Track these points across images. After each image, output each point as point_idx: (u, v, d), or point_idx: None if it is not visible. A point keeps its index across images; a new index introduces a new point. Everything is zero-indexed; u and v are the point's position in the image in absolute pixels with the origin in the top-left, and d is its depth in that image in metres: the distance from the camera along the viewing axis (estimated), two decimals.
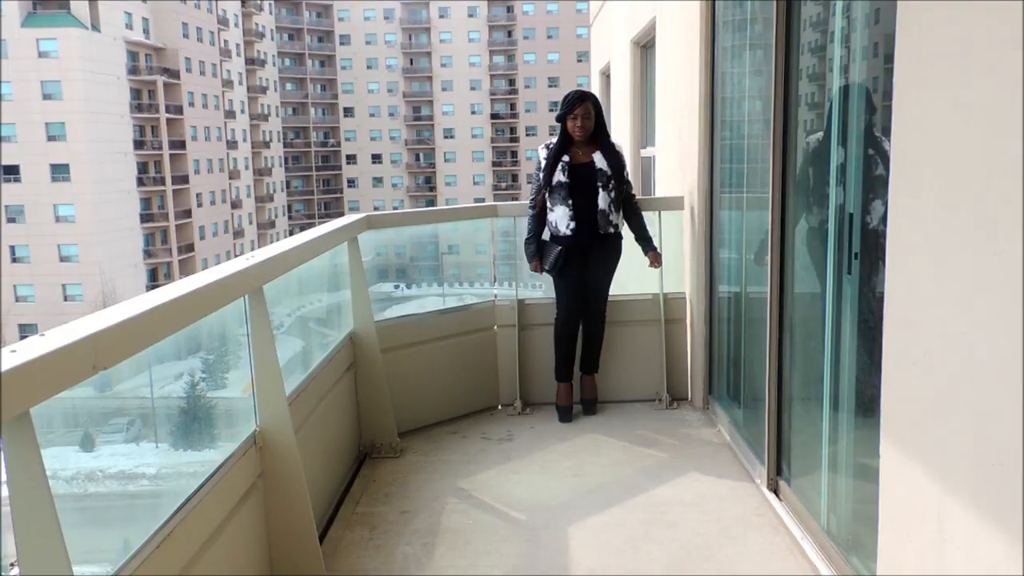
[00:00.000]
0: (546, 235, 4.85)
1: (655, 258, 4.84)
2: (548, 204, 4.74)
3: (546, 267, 4.77)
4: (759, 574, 3.13)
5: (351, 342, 4.32)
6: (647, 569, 3.18)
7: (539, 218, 4.80)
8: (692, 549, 3.32)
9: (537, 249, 4.81)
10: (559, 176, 4.66)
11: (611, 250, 4.81)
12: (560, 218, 4.69)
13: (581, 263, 4.76)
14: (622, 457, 4.32)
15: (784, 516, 3.52)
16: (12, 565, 1.71)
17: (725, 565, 3.19)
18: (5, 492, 1.64)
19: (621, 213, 4.80)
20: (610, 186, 4.66)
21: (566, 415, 4.88)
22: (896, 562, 2.29)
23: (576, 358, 5.03)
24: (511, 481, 4.06)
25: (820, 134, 3.18)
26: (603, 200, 4.65)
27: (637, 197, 4.98)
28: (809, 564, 3.14)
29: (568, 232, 4.67)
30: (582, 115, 4.62)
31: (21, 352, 1.62)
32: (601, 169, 4.65)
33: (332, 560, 3.29)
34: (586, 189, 4.65)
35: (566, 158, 4.69)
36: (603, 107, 4.78)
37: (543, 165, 4.75)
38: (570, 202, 4.65)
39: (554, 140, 4.78)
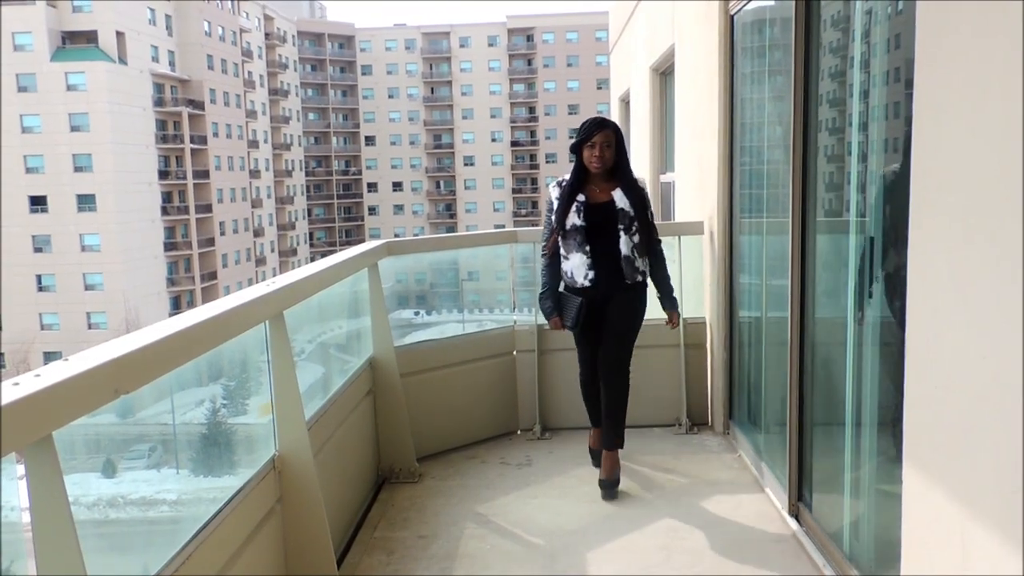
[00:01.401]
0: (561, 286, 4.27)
1: (674, 319, 4.29)
2: (562, 250, 4.12)
3: (567, 323, 4.15)
4: None
5: (371, 367, 4.34)
6: None
7: (553, 266, 4.19)
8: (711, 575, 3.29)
9: (555, 304, 4.19)
10: (573, 219, 4.04)
11: (637, 299, 4.15)
12: (577, 267, 4.07)
13: (603, 316, 4.13)
14: (641, 482, 4.29)
15: (805, 542, 3.48)
16: None
17: None
18: (27, 518, 1.66)
19: (647, 258, 4.16)
20: (633, 229, 4.03)
21: (599, 458, 4.28)
22: None
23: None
24: (530, 506, 4.04)
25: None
26: (625, 245, 4.02)
27: (662, 242, 4.30)
28: None
29: (587, 283, 4.05)
30: (601, 144, 4.00)
31: (44, 376, 1.65)
32: (622, 209, 4.02)
33: None
34: (605, 233, 4.04)
35: (581, 197, 4.06)
36: (623, 134, 4.24)
37: (555, 205, 4.13)
38: (588, 248, 4.03)
39: (568, 177, 4.16)
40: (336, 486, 3.57)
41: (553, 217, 4.12)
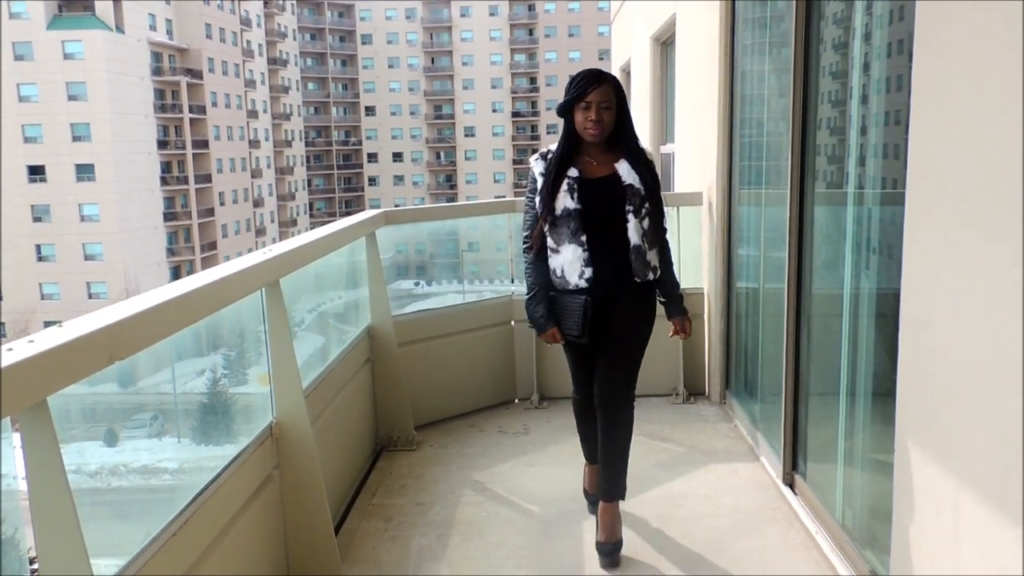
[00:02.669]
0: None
1: (682, 327, 3.38)
2: (550, 242, 3.18)
3: (574, 332, 3.16)
4: (772, 569, 3.12)
5: (368, 336, 4.35)
6: (661, 563, 3.19)
7: (540, 263, 3.24)
8: (706, 543, 3.32)
9: (549, 310, 3.21)
10: (566, 201, 3.11)
11: (646, 303, 3.27)
12: (570, 263, 3.13)
13: (603, 323, 3.20)
14: (638, 451, 4.28)
15: (799, 510, 3.51)
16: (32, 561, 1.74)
17: (739, 559, 3.19)
18: (24, 487, 1.67)
19: (656, 250, 3.24)
20: (643, 211, 3.13)
21: (595, 503, 3.43)
22: (910, 557, 2.28)
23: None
24: (526, 474, 4.07)
25: None
26: (635, 231, 3.10)
27: (668, 229, 3.39)
28: (823, 559, 3.13)
29: (583, 283, 3.12)
30: (598, 103, 3.08)
31: (39, 342, 1.65)
32: (631, 185, 3.11)
33: (347, 550, 3.32)
34: (608, 217, 3.12)
35: (573, 172, 3.14)
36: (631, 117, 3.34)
37: (539, 185, 3.20)
38: (584, 238, 3.10)
39: (554, 147, 3.25)
40: (334, 453, 3.60)
41: (537, 200, 3.20)
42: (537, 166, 3.24)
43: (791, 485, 3.72)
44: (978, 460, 1.89)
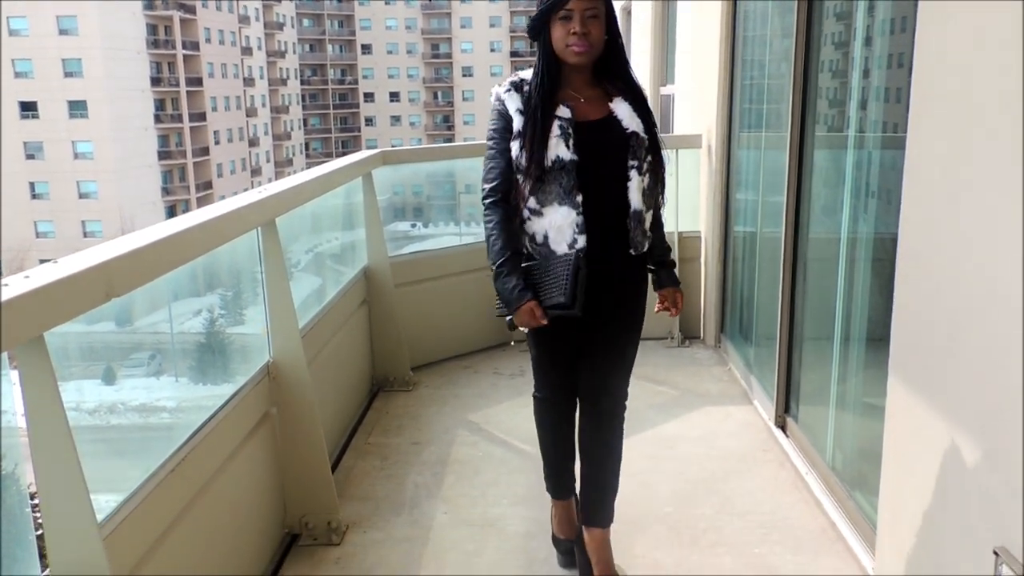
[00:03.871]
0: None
1: (673, 301, 2.78)
2: (532, 203, 2.42)
3: (564, 302, 2.36)
4: (763, 508, 3.17)
5: (365, 277, 4.35)
6: (653, 501, 3.23)
7: (508, 221, 2.47)
8: (698, 483, 3.37)
9: (524, 281, 2.44)
10: (559, 149, 2.38)
11: (641, 280, 2.66)
12: (558, 229, 2.41)
13: (592, 303, 2.45)
14: (632, 393, 4.30)
15: (790, 452, 3.56)
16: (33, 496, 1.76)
17: (730, 498, 3.24)
18: (23, 423, 1.68)
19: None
20: (646, 165, 2.44)
21: (569, 554, 2.77)
22: (898, 497, 2.31)
23: (575, 470, 2.79)
24: (520, 415, 4.10)
25: None
26: (636, 192, 2.43)
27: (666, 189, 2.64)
28: (813, 499, 3.18)
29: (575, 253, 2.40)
30: (582, 13, 2.34)
31: (34, 278, 1.64)
32: (635, 133, 2.43)
33: (344, 487, 3.37)
34: (606, 172, 2.43)
35: (565, 112, 2.40)
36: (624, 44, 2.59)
37: (515, 123, 2.43)
38: (579, 198, 2.38)
39: (527, 77, 2.48)
40: (331, 393, 3.63)
41: (517, 147, 2.42)
42: (511, 100, 2.46)
43: (783, 428, 3.77)
44: (970, 403, 1.90)
